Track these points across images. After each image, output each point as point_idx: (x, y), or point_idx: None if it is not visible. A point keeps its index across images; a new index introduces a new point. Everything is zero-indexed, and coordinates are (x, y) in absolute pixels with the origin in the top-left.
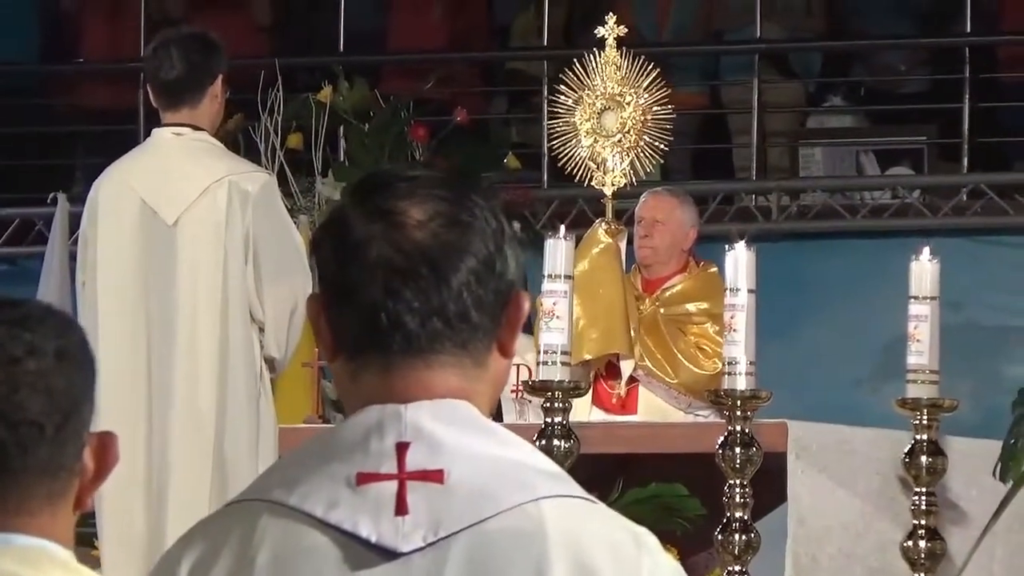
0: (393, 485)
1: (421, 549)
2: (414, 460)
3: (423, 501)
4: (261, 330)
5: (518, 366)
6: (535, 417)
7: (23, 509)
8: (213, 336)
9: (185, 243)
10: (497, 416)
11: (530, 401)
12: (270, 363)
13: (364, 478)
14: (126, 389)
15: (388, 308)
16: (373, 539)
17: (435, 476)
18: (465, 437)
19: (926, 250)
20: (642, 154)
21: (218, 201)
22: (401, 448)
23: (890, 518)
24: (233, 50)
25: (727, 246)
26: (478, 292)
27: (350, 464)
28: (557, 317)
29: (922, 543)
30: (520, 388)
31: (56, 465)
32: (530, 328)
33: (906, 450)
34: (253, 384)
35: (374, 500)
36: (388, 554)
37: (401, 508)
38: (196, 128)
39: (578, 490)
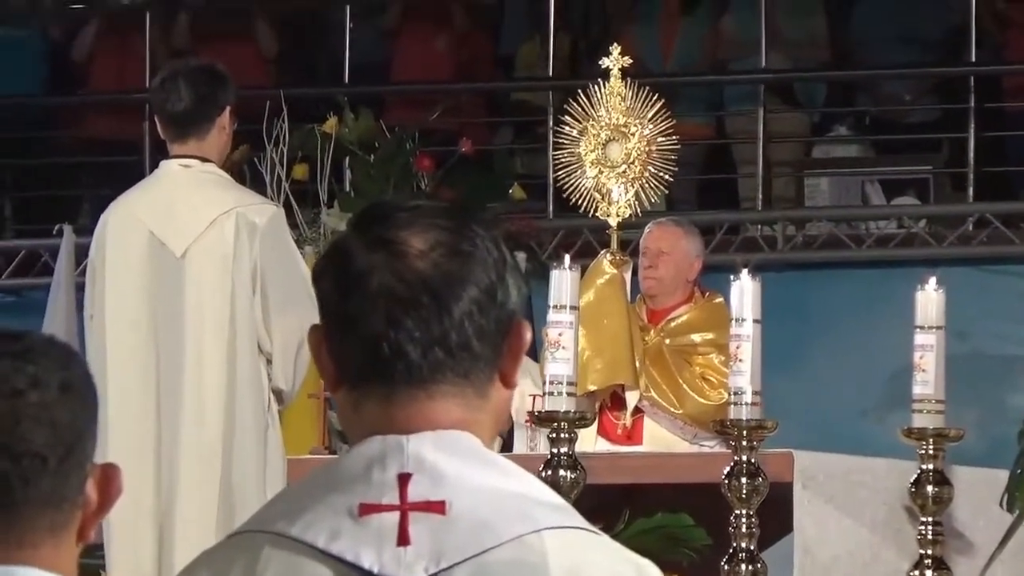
0: (395, 516)
1: None
2: (416, 491)
3: (425, 532)
4: (269, 361)
5: (533, 396)
6: (545, 445)
7: (26, 541)
8: (221, 368)
9: (193, 275)
10: (508, 442)
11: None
12: (278, 395)
13: (366, 509)
14: (134, 421)
15: (390, 338)
16: (375, 570)
17: (437, 507)
18: (467, 468)
19: (932, 280)
20: (647, 185)
21: (226, 233)
22: (403, 479)
23: (896, 548)
24: (238, 81)
25: (732, 276)
26: (480, 322)
27: (352, 495)
28: (563, 347)
29: (929, 573)
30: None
31: (59, 497)
32: (535, 357)
33: (912, 480)
34: (261, 415)
35: (376, 531)
36: None
37: (403, 539)
38: (204, 160)
39: (581, 521)
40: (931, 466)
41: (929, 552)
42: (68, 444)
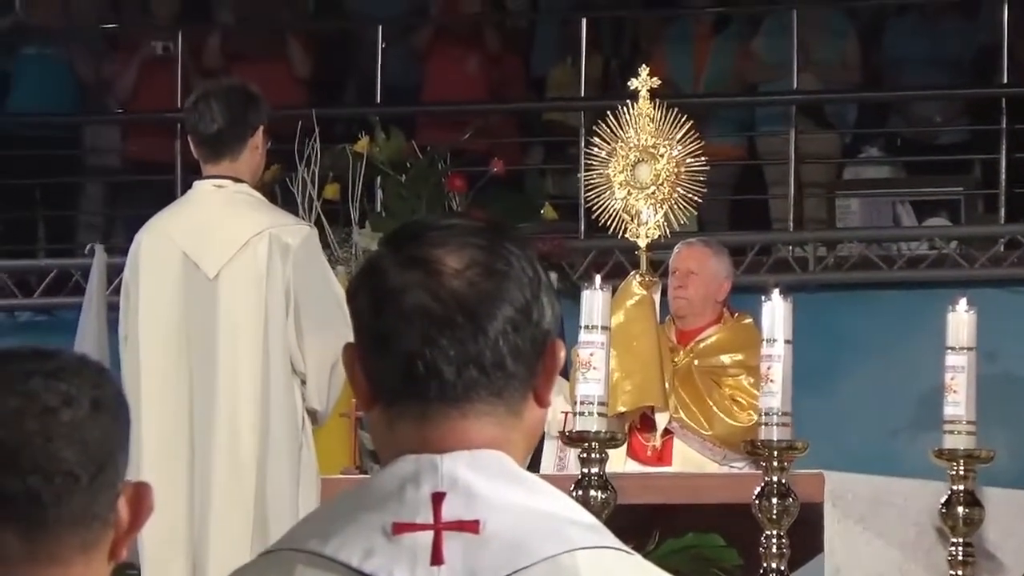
0: (429, 535)
1: None
2: (450, 510)
3: (459, 551)
4: (303, 382)
5: (565, 414)
6: (575, 463)
7: (57, 559)
8: (255, 388)
9: (226, 296)
10: (536, 454)
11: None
12: (312, 415)
13: (400, 528)
14: (168, 441)
15: (425, 356)
16: None
17: (471, 527)
18: (500, 488)
19: (963, 301)
20: (676, 206)
21: (259, 254)
22: (437, 498)
23: (926, 569)
24: (271, 100)
25: (764, 297)
26: (515, 341)
27: (386, 513)
28: (594, 368)
29: None
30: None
31: (90, 515)
32: (566, 376)
33: (943, 501)
34: (295, 435)
35: (410, 550)
36: None
37: (437, 558)
38: (237, 180)
39: (613, 540)
40: (962, 487)
41: (959, 573)
42: (99, 463)
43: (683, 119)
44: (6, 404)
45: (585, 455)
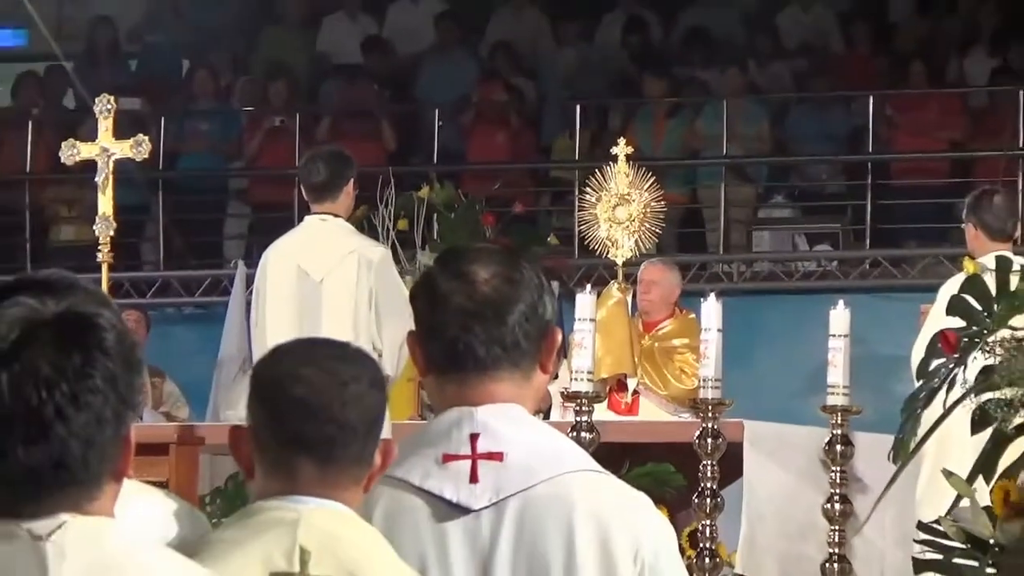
0: (468, 463)
1: (487, 507)
2: (482, 446)
3: (489, 474)
4: (380, 355)
5: (566, 387)
6: (571, 415)
7: (338, 486)
8: None
9: (328, 296)
10: (547, 415)
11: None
12: (386, 379)
13: (448, 458)
14: None
15: (464, 340)
16: (454, 500)
17: (497, 457)
18: (517, 429)
19: (840, 303)
20: (642, 236)
21: (350, 267)
22: (473, 437)
23: (814, 488)
24: (360, 161)
25: (702, 299)
26: (526, 328)
27: (438, 448)
28: (584, 348)
29: (837, 505)
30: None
31: (362, 458)
32: (565, 355)
33: (826, 441)
34: None
35: (455, 473)
36: (464, 511)
37: (474, 478)
38: (335, 215)
39: (596, 466)
40: (839, 432)
41: (837, 491)
42: (371, 423)
43: (648, 175)
44: (315, 376)
45: (578, 408)
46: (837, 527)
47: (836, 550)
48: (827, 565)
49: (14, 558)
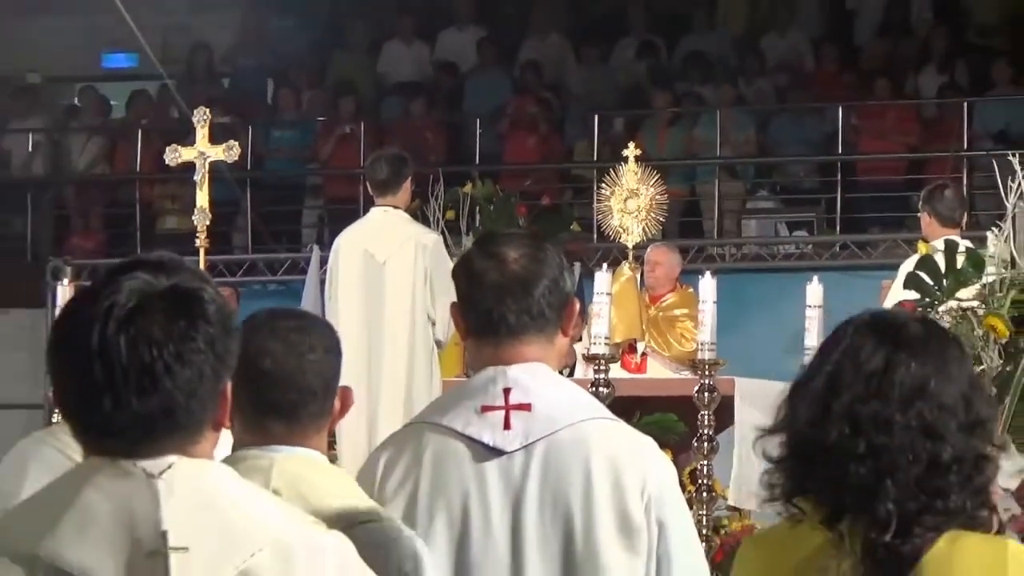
0: (502, 413)
1: (518, 450)
2: (514, 398)
3: (519, 422)
4: (433, 324)
5: (587, 349)
6: (592, 372)
7: (305, 436)
8: (406, 329)
9: (390, 275)
10: (572, 371)
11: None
12: (438, 343)
13: (485, 408)
14: (356, 362)
15: (498, 310)
16: (491, 444)
17: (526, 407)
18: (543, 384)
19: (815, 279)
20: (649, 224)
21: (409, 250)
22: (507, 391)
23: None
24: (416, 162)
25: (699, 276)
26: (550, 299)
27: (477, 400)
28: (601, 317)
29: None
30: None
31: (322, 412)
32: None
33: None
34: (429, 355)
35: (491, 421)
36: (499, 453)
37: (507, 425)
38: (395, 207)
39: (611, 415)
40: None
41: None
42: (327, 384)
43: (653, 174)
44: (276, 347)
45: (596, 367)
46: None
47: None
48: None
49: (131, 493)
